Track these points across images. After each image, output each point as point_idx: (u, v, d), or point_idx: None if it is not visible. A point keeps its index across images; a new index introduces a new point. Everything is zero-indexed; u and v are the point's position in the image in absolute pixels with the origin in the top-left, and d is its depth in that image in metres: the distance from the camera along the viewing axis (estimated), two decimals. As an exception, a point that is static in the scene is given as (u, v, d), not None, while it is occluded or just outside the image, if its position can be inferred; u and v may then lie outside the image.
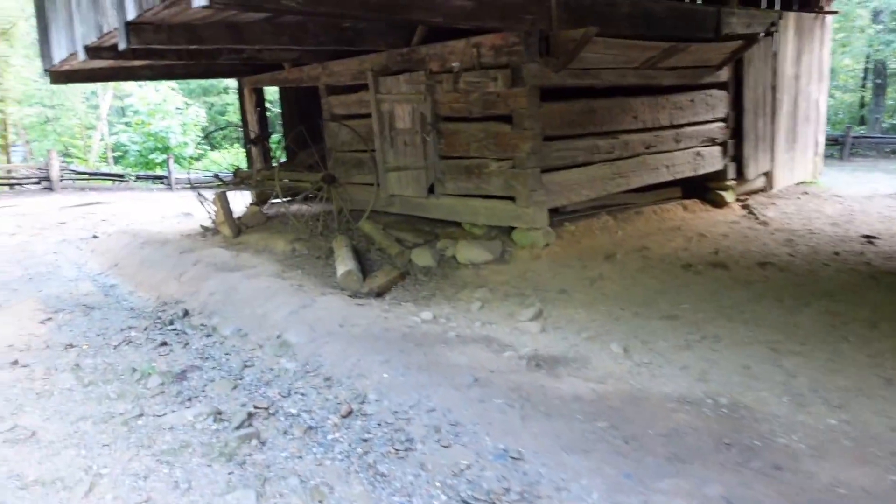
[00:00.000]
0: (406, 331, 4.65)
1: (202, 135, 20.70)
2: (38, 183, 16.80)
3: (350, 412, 3.61)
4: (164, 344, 5.01)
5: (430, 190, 7.59)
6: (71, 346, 5.12)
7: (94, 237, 10.65)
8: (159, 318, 5.86)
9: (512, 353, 4.28)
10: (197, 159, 21.66)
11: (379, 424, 3.46)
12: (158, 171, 18.84)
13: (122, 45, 5.74)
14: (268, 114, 12.26)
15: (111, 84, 23.02)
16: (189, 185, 9.23)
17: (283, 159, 11.48)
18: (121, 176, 17.63)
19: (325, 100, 9.03)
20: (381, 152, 8.00)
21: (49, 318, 6.02)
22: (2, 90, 18.95)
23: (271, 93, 18.62)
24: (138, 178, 17.73)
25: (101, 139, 22.81)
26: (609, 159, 7.32)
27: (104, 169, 19.68)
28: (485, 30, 6.22)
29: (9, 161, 20.09)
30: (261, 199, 9.88)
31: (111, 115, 23.66)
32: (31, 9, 12.09)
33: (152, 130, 19.97)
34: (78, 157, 21.65)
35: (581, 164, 7.02)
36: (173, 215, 12.84)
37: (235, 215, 8.89)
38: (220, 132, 22.44)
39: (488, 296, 5.54)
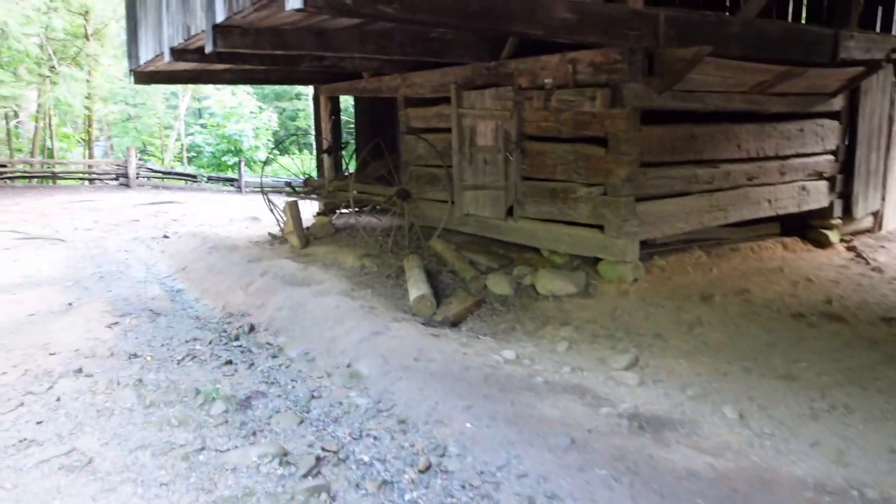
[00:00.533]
0: (488, 371, 4.22)
1: (274, 141, 20.98)
2: (115, 179, 17.32)
3: (429, 466, 3.20)
4: (228, 363, 4.74)
5: (509, 212, 7.17)
6: (135, 356, 4.93)
7: (165, 237, 10.72)
8: (224, 331, 5.63)
9: (609, 408, 3.78)
10: (267, 164, 21.96)
11: (462, 486, 3.03)
12: (229, 174, 19.13)
13: (208, 48, 5.59)
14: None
15: (190, 86, 23.73)
16: (259, 190, 9.08)
17: (352, 169, 11.35)
18: (193, 176, 17.99)
19: (403, 112, 8.76)
20: (459, 169, 7.64)
21: (116, 323, 5.89)
22: (90, 87, 19.73)
23: (343, 102, 18.62)
24: (210, 179, 18.05)
25: (178, 139, 23.49)
26: (708, 190, 6.72)
27: (178, 168, 20.18)
28: (584, 45, 5.77)
29: (91, 156, 20.88)
30: (329, 209, 9.69)
31: (188, 116, 24.37)
32: (122, 10, 12.42)
33: (226, 133, 20.34)
34: (154, 156, 22.34)
35: (678, 194, 6.45)
36: (241, 219, 12.89)
37: (304, 225, 8.70)
38: (292, 138, 22.71)
39: (575, 335, 5.05)
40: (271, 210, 9.41)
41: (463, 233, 7.98)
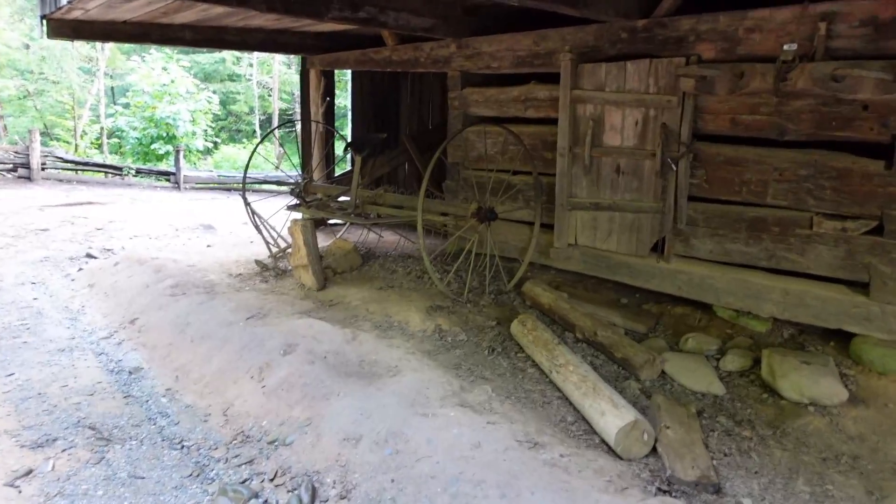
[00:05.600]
0: None
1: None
2: (13, 170, 13.57)
3: None
4: None
5: (656, 246, 4.78)
6: None
7: (90, 257, 7.60)
8: (255, 494, 2.92)
9: None
10: (207, 153, 18.49)
11: None
12: (163, 166, 15.69)
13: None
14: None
15: (106, 55, 19.80)
16: (247, 206, 6.21)
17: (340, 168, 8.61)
18: (118, 168, 14.44)
19: (458, 93, 6.16)
20: (567, 178, 5.16)
21: (28, 472, 3.05)
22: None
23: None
24: (139, 172, 14.57)
25: (94, 121, 19.53)
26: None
27: (97, 158, 16.46)
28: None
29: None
30: (316, 218, 6.80)
31: (106, 94, 20.42)
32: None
33: (157, 116, 16.79)
34: (63, 141, 18.35)
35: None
36: (191, 227, 9.82)
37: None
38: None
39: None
40: (257, 227, 6.57)
41: (561, 270, 5.52)
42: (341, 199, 6.38)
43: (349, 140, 8.05)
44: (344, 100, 16.96)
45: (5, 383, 4.08)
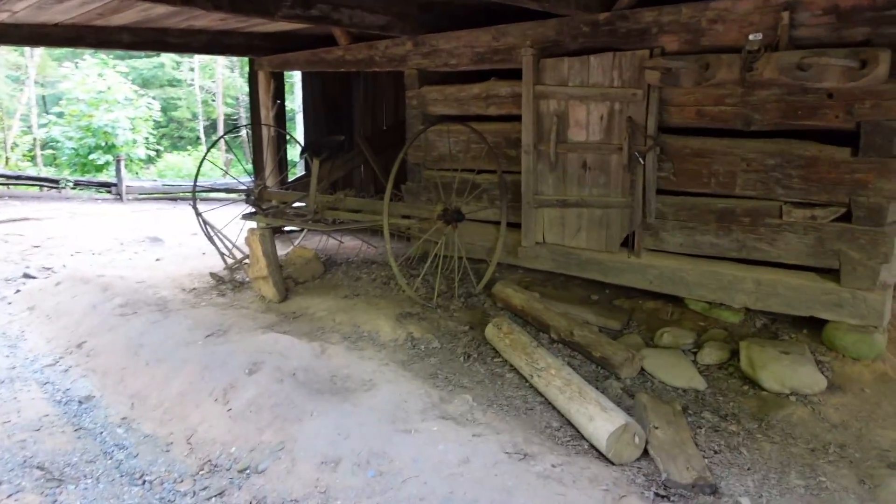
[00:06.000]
0: None
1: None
2: (-63, 186, 12.67)
3: None
4: None
5: (626, 242, 4.73)
6: None
7: (28, 277, 7.11)
8: (228, 530, 2.70)
9: None
10: (150, 162, 17.73)
11: None
12: (102, 177, 14.96)
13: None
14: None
15: (36, 62, 18.78)
16: (198, 216, 5.90)
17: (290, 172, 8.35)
18: (54, 181, 13.66)
19: (416, 92, 6.00)
20: (533, 175, 5.07)
21: (-32, 523, 2.75)
22: None
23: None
24: (77, 184, 13.83)
25: (25, 132, 18.50)
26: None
27: (30, 171, 15.55)
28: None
29: None
30: (273, 226, 6.51)
31: (38, 103, 19.38)
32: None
33: (94, 125, 15.99)
34: (-9, 154, 17.33)
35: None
36: (137, 240, 9.36)
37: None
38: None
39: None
40: (210, 238, 6.25)
41: (530, 270, 5.43)
42: (297, 204, 6.13)
43: (305, 143, 7.78)
44: (291, 102, 16.54)
45: (-62, 422, 3.71)
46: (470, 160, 5.59)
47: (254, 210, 6.01)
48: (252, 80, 8.24)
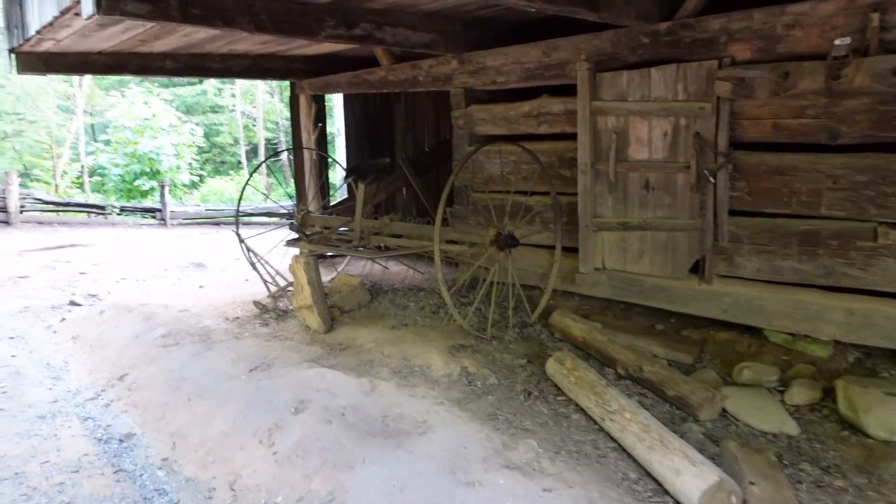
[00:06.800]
0: None
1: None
2: (-10, 214, 13.01)
3: None
4: None
5: (696, 267, 4.38)
6: None
7: (74, 304, 7.10)
8: None
9: None
10: (193, 187, 17.99)
11: None
12: (147, 203, 15.19)
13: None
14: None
15: (85, 92, 19.33)
16: (241, 243, 5.75)
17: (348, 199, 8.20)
18: (101, 207, 13.91)
19: (462, 112, 5.79)
20: (590, 196, 4.77)
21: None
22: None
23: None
24: (123, 210, 14.05)
25: (74, 159, 19.00)
26: None
27: (78, 198, 15.91)
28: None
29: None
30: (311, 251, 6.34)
31: (84, 131, 19.92)
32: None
33: (139, 151, 16.31)
34: (43, 181, 17.80)
35: None
36: (181, 266, 9.35)
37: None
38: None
39: None
40: (253, 265, 6.11)
41: (586, 297, 5.10)
42: (341, 229, 5.95)
43: (350, 167, 7.64)
44: (331, 126, 16.61)
45: (-23, 464, 3.57)
46: (521, 181, 5.32)
47: (297, 237, 5.84)
48: (293, 104, 8.17)
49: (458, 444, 3.11)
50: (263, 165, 15.84)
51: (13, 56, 5.93)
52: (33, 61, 6.04)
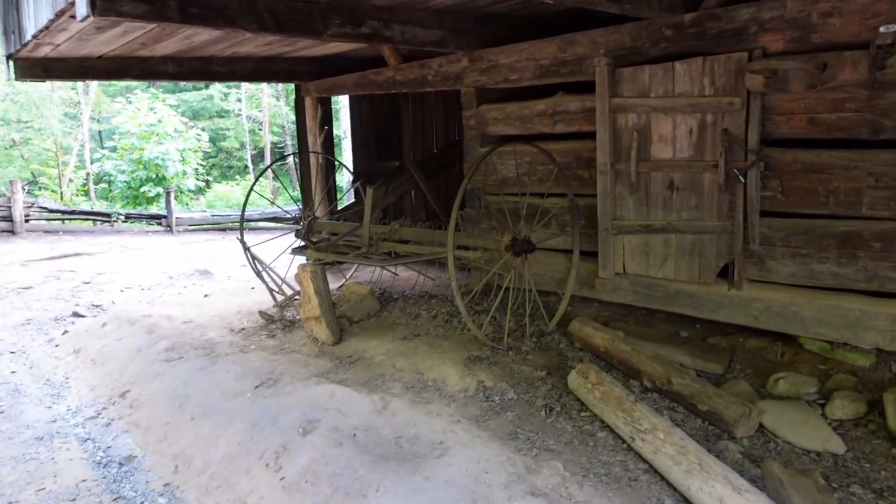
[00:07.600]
0: None
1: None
2: (-5, 224, 12.90)
3: None
4: None
5: (724, 271, 4.13)
6: None
7: (77, 315, 6.92)
8: None
9: None
10: (199, 192, 17.86)
11: None
12: (153, 209, 15.06)
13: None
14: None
15: (91, 99, 19.25)
16: (246, 251, 5.55)
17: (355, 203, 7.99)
18: (106, 215, 13.79)
19: (473, 111, 5.57)
20: (610, 198, 4.53)
21: None
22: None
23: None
24: (129, 217, 13.92)
25: (79, 166, 18.91)
26: None
27: (84, 205, 15.81)
28: None
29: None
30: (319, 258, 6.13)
31: (91, 138, 19.84)
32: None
33: (145, 157, 16.19)
34: (49, 189, 17.72)
35: None
36: (186, 274, 9.17)
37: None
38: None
39: None
40: (258, 272, 5.92)
41: (606, 303, 4.87)
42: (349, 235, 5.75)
43: (358, 170, 7.43)
44: (337, 128, 16.43)
45: (-30, 490, 3.38)
46: (536, 183, 5.10)
47: (303, 244, 5.64)
48: (299, 107, 7.98)
49: (478, 468, 2.89)
50: (269, 170, 15.68)
51: (11, 62, 5.77)
52: (32, 67, 5.87)
